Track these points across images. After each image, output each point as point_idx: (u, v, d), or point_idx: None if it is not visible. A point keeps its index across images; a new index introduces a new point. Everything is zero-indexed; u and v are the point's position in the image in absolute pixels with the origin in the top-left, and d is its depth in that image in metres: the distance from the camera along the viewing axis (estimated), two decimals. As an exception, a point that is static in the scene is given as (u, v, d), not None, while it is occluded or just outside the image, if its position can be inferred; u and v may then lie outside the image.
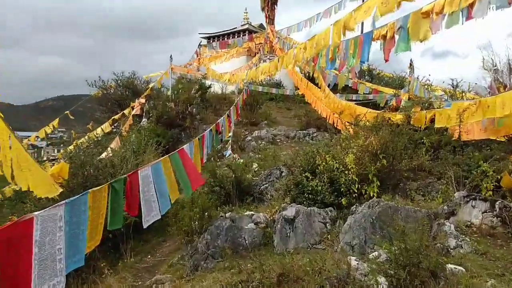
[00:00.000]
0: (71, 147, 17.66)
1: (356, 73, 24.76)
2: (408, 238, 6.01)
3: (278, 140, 22.66)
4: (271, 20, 34.42)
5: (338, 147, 10.48)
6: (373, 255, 7.32)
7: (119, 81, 27.38)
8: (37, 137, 27.49)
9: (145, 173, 6.00)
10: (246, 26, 36.90)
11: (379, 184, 9.21)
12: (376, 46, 13.38)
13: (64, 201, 3.96)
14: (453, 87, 19.54)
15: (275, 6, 34.39)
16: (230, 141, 20.77)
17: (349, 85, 25.44)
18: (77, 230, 4.17)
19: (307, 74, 27.18)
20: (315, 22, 27.09)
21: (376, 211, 7.97)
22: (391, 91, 22.71)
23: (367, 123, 14.20)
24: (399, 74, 27.49)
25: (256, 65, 27.00)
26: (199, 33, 39.16)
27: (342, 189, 9.08)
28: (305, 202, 9.14)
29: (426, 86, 19.51)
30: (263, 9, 34.54)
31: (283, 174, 11.48)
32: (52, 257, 3.73)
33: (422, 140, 11.74)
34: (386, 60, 11.87)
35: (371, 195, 9.07)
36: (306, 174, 9.49)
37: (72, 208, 4.09)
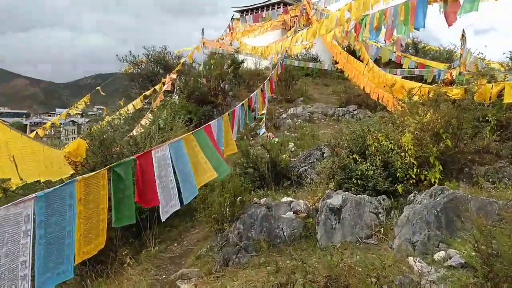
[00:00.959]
0: (103, 122, 16.99)
1: (402, 45, 22.76)
2: (494, 239, 4.66)
3: (316, 118, 21.24)
4: (308, -11, 32.41)
5: (391, 125, 9.05)
6: (439, 256, 6.02)
7: (150, 56, 26.46)
8: (69, 114, 27.17)
9: (161, 153, 4.87)
10: (281, -2, 35.10)
11: (441, 168, 7.78)
12: (432, 10, 11.75)
13: (32, 195, 2.85)
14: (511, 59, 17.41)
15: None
16: (264, 119, 19.56)
17: (392, 59, 23.50)
18: (60, 233, 3.09)
19: (345, 48, 25.38)
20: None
21: (441, 201, 6.61)
22: (439, 65, 20.71)
23: (421, 98, 12.66)
24: (446, 47, 25.24)
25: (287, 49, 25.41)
26: (232, 7, 37.67)
27: (398, 174, 7.72)
28: (353, 189, 7.86)
29: (481, 59, 17.48)
30: (299, -21, 32.57)
31: (325, 155, 10.18)
32: (11, 274, 2.65)
33: (487, 118, 10.12)
34: (449, 25, 10.24)
35: (432, 181, 7.68)
36: (354, 156, 8.17)
37: (49, 203, 3.00)
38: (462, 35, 18.65)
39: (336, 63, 24.90)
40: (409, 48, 25.83)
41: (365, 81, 17.78)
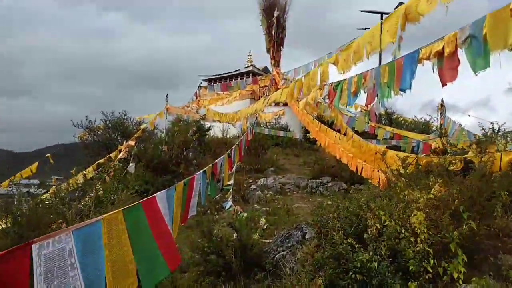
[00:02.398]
0: (47, 195, 14.63)
1: (376, 115, 21.94)
2: None
3: (287, 190, 19.39)
4: (276, 62, 32.23)
5: (386, 201, 7.22)
6: None
7: (107, 122, 24.48)
8: (11, 183, 24.19)
9: (52, 248, 2.78)
10: (250, 68, 34.67)
11: (465, 259, 5.89)
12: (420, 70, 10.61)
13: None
14: (493, 131, 16.49)
15: (281, 48, 32.34)
16: (231, 190, 17.54)
17: (366, 130, 22.52)
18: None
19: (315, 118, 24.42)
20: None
21: (478, 310, 4.66)
22: (418, 136, 19.73)
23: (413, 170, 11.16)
24: (421, 118, 24.72)
25: (257, 116, 24.24)
26: (199, 75, 37.01)
27: (410, 268, 5.75)
28: (350, 287, 5.79)
29: (463, 131, 16.58)
30: (268, 51, 32.44)
31: (307, 236, 8.15)
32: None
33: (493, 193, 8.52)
34: (445, 84, 8.96)
35: (456, 276, 5.74)
36: (349, 240, 6.20)
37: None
38: (441, 104, 17.86)
39: (307, 132, 23.70)
40: (382, 118, 25.15)
41: (341, 150, 16.30)
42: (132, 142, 22.50)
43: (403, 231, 6.13)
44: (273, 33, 31.24)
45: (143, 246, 4.09)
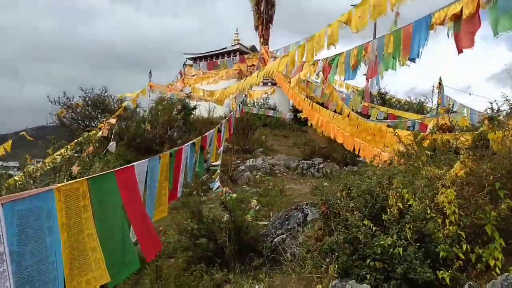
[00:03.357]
0: (20, 174, 13.49)
1: (371, 94, 21.07)
2: None
3: (277, 171, 18.50)
4: (265, 40, 30.98)
5: (410, 179, 6.30)
6: None
7: (87, 99, 23.05)
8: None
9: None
10: (237, 47, 33.32)
11: (502, 244, 5.02)
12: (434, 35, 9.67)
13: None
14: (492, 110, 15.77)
15: (270, 25, 31.06)
16: (218, 170, 16.54)
17: (359, 110, 21.66)
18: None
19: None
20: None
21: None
22: (413, 116, 18.94)
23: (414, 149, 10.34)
24: (415, 99, 23.99)
25: (246, 93, 23.12)
26: (184, 53, 35.42)
27: (441, 254, 4.85)
28: (369, 277, 4.89)
29: (465, 108, 15.82)
30: (256, 28, 31.13)
31: (308, 218, 7.23)
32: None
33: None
34: (461, 51, 8.06)
35: (492, 264, 4.87)
36: (365, 222, 5.28)
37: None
38: (439, 83, 17.07)
39: (298, 112, 22.77)
40: (375, 99, 24.32)
41: (335, 129, 15.40)
42: (113, 120, 21.23)
43: (428, 212, 5.23)
44: (262, 9, 29.93)
45: (112, 229, 3.08)
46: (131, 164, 3.96)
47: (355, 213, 5.45)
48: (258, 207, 10.54)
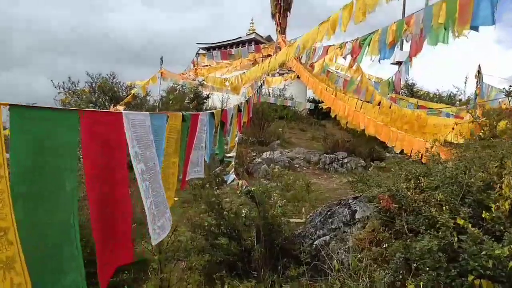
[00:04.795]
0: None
1: (402, 81, 19.42)
2: None
3: (297, 165, 16.93)
4: (282, 29, 29.34)
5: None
6: None
7: (93, 84, 21.66)
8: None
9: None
10: (253, 36, 31.77)
11: None
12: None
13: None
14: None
15: (288, 13, 29.42)
16: (233, 162, 15.02)
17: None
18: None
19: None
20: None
21: None
22: (447, 108, 17.26)
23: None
24: (446, 92, 22.28)
25: (264, 79, 21.61)
26: (197, 43, 33.99)
27: None
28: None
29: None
30: (273, 16, 29.52)
31: (357, 216, 5.67)
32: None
33: None
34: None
35: None
36: (459, 221, 3.72)
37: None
38: (478, 71, 15.36)
39: (318, 103, 21.22)
40: (402, 91, 22.64)
41: (366, 119, 13.77)
42: (121, 108, 19.81)
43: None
44: (279, -4, 28.34)
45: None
46: (118, 111, 2.46)
47: (445, 208, 3.88)
48: (283, 201, 8.98)
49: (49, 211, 1.63)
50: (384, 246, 4.89)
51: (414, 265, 3.84)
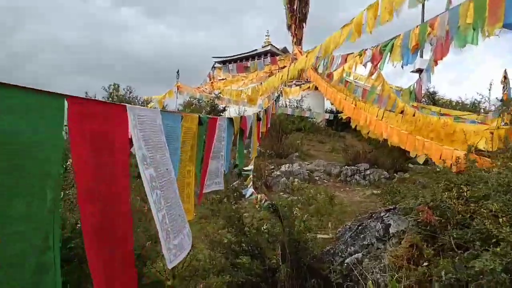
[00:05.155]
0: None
1: (422, 89, 18.82)
2: None
3: (317, 178, 16.39)
4: (298, 40, 29.11)
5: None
6: None
7: (110, 99, 21.60)
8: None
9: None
10: (269, 48, 31.57)
11: None
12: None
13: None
14: None
15: (304, 24, 29.19)
16: (251, 176, 14.58)
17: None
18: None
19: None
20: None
21: None
22: (472, 116, 16.53)
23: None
24: (469, 99, 21.54)
25: (281, 89, 21.27)
26: (213, 57, 33.92)
27: None
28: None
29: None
30: (289, 28, 29.31)
31: (391, 230, 5.14)
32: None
33: None
34: None
35: None
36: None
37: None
38: (505, 76, 14.71)
39: (337, 113, 20.72)
40: (423, 99, 21.96)
41: (389, 128, 13.21)
42: (136, 122, 19.67)
43: None
44: (295, 7, 28.13)
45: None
46: (121, 103, 2.06)
47: (501, 220, 3.35)
48: (305, 216, 8.46)
49: (19, 232, 1.21)
50: (424, 264, 4.38)
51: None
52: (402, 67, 12.29)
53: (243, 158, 6.13)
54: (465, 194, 4.24)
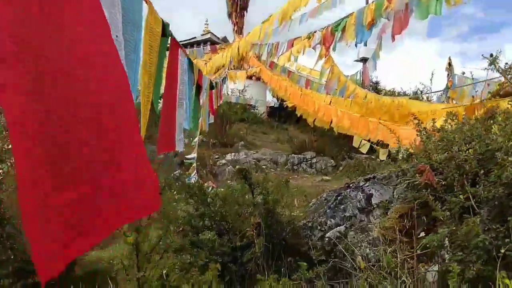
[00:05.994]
0: None
1: (370, 77, 18.84)
2: None
3: (264, 166, 15.72)
4: (239, 28, 28.31)
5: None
6: None
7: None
8: None
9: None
10: (208, 36, 30.41)
11: None
12: None
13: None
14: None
15: (245, 13, 28.46)
16: (194, 164, 13.59)
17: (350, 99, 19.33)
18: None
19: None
20: (299, 25, 20.48)
21: None
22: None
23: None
24: (411, 89, 22.13)
25: (226, 73, 20.54)
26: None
27: None
28: None
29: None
30: (230, 15, 28.44)
31: (374, 201, 4.51)
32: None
33: None
34: None
35: None
36: None
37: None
38: (449, 63, 15.02)
39: (282, 102, 20.28)
40: (366, 89, 22.13)
41: (338, 112, 12.83)
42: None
43: None
44: (236, -5, 27.38)
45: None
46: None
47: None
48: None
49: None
50: (421, 235, 3.79)
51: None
52: (355, 45, 11.96)
53: (197, 122, 5.19)
54: (468, 152, 3.68)
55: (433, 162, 3.85)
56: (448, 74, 15.09)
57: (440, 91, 16.00)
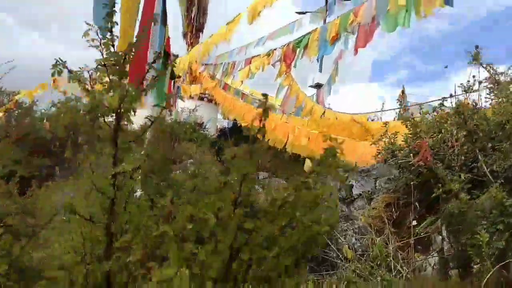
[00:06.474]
0: None
1: (324, 99, 18.93)
2: None
3: (215, 185, 15.04)
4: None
5: None
6: None
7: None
8: None
9: None
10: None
11: None
12: None
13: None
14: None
15: (201, 34, 28.25)
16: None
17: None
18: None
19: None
20: (254, 47, 20.35)
21: None
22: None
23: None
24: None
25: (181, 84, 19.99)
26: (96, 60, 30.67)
27: None
28: None
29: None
30: (185, 36, 28.10)
31: (354, 191, 4.11)
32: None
33: None
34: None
35: None
36: None
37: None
38: (402, 91, 15.43)
39: (235, 122, 19.89)
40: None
41: (295, 129, 12.61)
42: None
43: None
44: (192, 16, 27.14)
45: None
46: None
47: None
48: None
49: None
50: (414, 223, 3.39)
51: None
52: (317, 59, 11.89)
53: (164, 96, 4.59)
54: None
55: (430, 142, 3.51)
56: (400, 102, 15.45)
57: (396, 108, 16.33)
